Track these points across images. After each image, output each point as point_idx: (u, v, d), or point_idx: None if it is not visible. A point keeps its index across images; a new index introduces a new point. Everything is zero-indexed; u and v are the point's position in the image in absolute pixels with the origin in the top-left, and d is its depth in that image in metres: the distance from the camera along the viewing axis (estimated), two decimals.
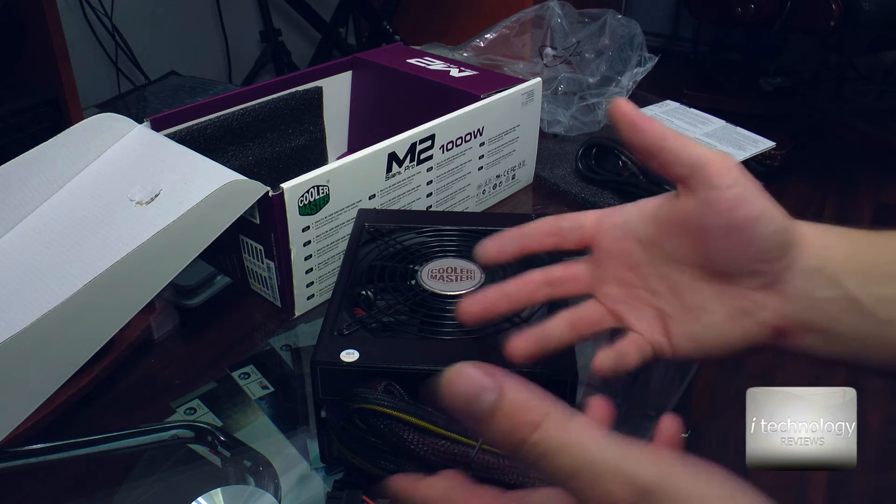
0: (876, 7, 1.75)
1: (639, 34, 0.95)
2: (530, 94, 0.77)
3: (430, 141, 0.68)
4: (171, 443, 0.52)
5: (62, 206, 0.63)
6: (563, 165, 0.86)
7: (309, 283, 0.63)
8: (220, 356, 0.60)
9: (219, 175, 0.59)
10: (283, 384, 0.58)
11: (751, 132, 0.98)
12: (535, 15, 1.00)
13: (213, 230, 0.55)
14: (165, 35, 1.93)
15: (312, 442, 0.51)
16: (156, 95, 1.65)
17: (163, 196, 0.59)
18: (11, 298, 0.55)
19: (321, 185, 0.59)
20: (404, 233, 0.58)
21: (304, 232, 0.60)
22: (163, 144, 0.65)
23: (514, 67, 0.95)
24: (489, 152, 0.76)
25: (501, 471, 0.39)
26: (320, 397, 0.45)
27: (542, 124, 0.87)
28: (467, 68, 0.82)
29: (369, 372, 0.44)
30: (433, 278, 0.52)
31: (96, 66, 1.78)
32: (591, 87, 0.94)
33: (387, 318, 0.49)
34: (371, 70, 0.86)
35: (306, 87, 0.81)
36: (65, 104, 1.25)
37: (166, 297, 0.65)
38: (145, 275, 0.54)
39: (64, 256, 0.57)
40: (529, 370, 0.43)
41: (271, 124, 0.78)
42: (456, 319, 0.48)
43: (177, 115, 0.69)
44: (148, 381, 0.58)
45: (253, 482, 0.48)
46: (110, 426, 0.52)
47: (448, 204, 0.74)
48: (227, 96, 0.74)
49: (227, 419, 0.54)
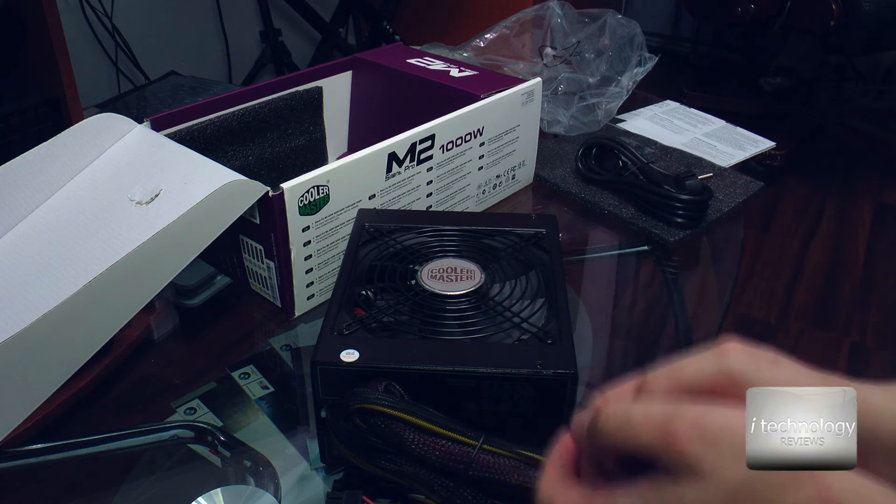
0: (876, 7, 1.75)
1: (639, 34, 0.95)
2: (530, 94, 0.77)
3: (430, 141, 0.68)
4: (171, 443, 0.52)
5: (62, 206, 0.63)
6: (563, 165, 0.86)
7: (309, 283, 0.63)
8: (220, 356, 0.60)
9: (219, 175, 0.59)
10: (283, 384, 0.58)
11: (751, 132, 0.98)
12: (535, 15, 1.00)
13: (213, 230, 0.55)
14: (165, 35, 1.93)
15: (312, 442, 0.51)
16: (156, 95, 1.65)
17: (163, 196, 0.59)
18: (11, 298, 0.55)
19: (321, 185, 0.59)
20: (404, 233, 0.58)
21: (304, 232, 0.60)
22: (163, 144, 0.65)
23: (514, 67, 0.95)
24: (489, 152, 0.76)
25: (501, 471, 0.39)
26: (320, 397, 0.45)
27: (542, 124, 0.87)
28: (467, 68, 0.82)
29: (369, 372, 0.44)
30: (433, 278, 0.51)
31: (96, 66, 1.78)
32: (591, 87, 0.94)
33: (387, 318, 0.49)
34: (371, 70, 0.86)
35: (306, 87, 0.81)
36: (65, 104, 1.25)
37: (166, 297, 0.65)
38: (145, 275, 0.54)
39: (64, 256, 0.57)
40: (530, 370, 0.43)
41: (271, 124, 0.78)
42: (456, 319, 0.48)
43: (177, 115, 0.69)
44: (148, 381, 0.58)
45: (253, 482, 0.48)
46: (110, 426, 0.52)
47: (448, 204, 0.74)
48: (227, 96, 0.74)
49: (227, 419, 0.54)
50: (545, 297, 0.51)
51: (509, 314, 0.49)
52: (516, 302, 0.50)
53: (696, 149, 0.93)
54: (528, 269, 0.54)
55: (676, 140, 0.95)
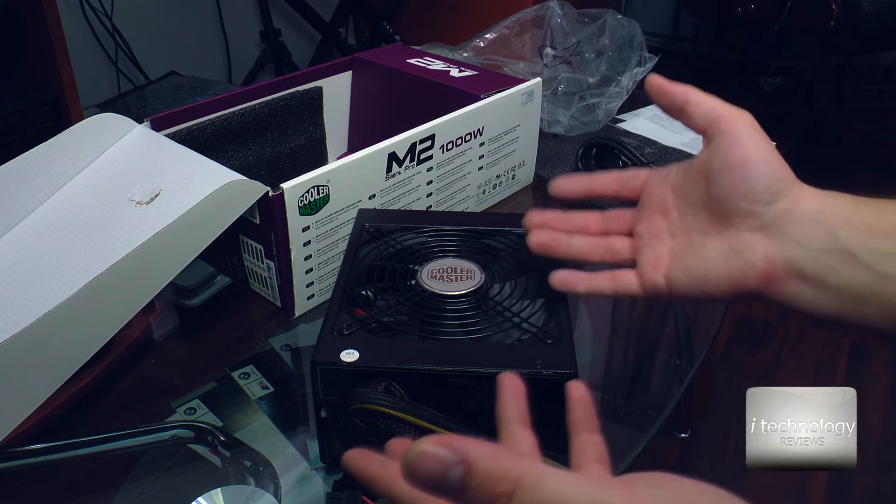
0: (876, 7, 1.75)
1: (639, 34, 0.95)
2: (530, 94, 0.77)
3: (430, 141, 0.68)
4: (171, 443, 0.52)
5: (62, 206, 0.63)
6: (563, 165, 0.86)
7: (309, 283, 0.63)
8: (220, 356, 0.60)
9: (219, 175, 0.59)
10: (283, 384, 0.58)
11: None
12: (535, 15, 1.00)
13: (213, 230, 0.55)
14: (165, 35, 1.93)
15: (312, 442, 0.51)
16: (156, 95, 1.65)
17: (163, 196, 0.59)
18: (11, 298, 0.55)
19: (321, 185, 0.59)
20: (404, 233, 0.58)
21: (304, 232, 0.60)
22: (163, 144, 0.65)
23: (514, 67, 0.95)
24: (489, 152, 0.76)
25: None
26: (320, 397, 0.45)
27: (542, 124, 0.87)
28: (467, 68, 0.82)
29: (369, 372, 0.44)
30: (433, 278, 0.51)
31: (96, 66, 1.78)
32: (591, 87, 0.94)
33: (387, 318, 0.49)
34: (371, 70, 0.86)
35: (306, 87, 0.81)
36: (65, 104, 1.25)
37: (166, 297, 0.65)
38: (145, 275, 0.54)
39: (64, 256, 0.57)
40: (530, 370, 0.43)
41: (271, 124, 0.78)
42: (456, 319, 0.48)
43: (177, 115, 0.69)
44: (148, 381, 0.58)
45: (253, 482, 0.48)
46: (110, 426, 0.52)
47: (448, 204, 0.74)
48: (227, 96, 0.74)
49: (227, 419, 0.54)
50: (545, 297, 0.51)
51: (509, 314, 0.49)
52: (516, 302, 0.50)
53: (696, 149, 0.93)
54: (528, 269, 0.54)
55: (676, 140, 0.95)
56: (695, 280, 0.42)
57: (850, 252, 0.37)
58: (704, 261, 0.42)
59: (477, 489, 0.27)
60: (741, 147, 0.40)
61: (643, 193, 0.47)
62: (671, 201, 0.45)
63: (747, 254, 0.40)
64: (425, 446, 0.27)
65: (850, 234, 0.37)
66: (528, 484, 0.27)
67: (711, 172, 0.41)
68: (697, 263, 0.42)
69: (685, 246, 0.44)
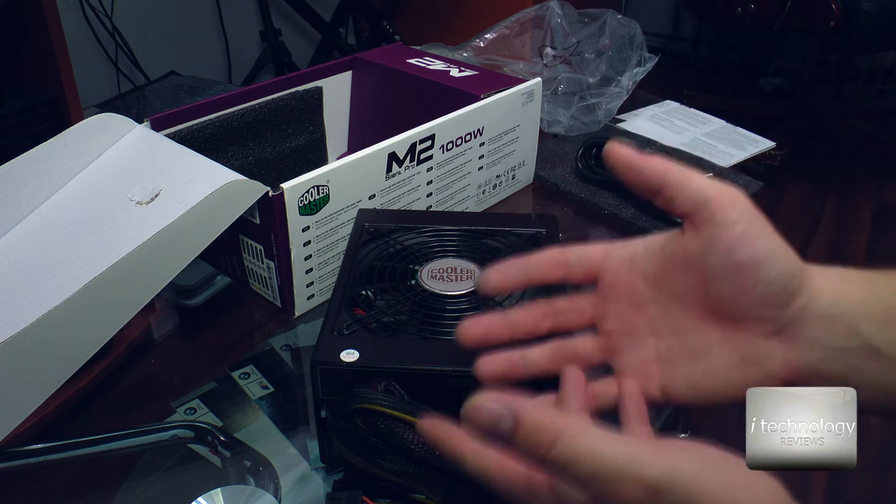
0: (876, 7, 1.75)
1: (639, 34, 0.95)
2: (530, 94, 0.77)
3: (430, 141, 0.68)
4: (171, 443, 0.52)
5: (62, 206, 0.63)
6: (563, 165, 0.86)
7: (309, 283, 0.63)
8: (220, 356, 0.60)
9: (219, 175, 0.59)
10: (283, 384, 0.58)
11: (751, 132, 0.99)
12: (535, 15, 1.00)
13: (213, 230, 0.55)
14: (165, 35, 1.93)
15: (312, 442, 0.51)
16: (156, 95, 1.65)
17: (163, 196, 0.59)
18: (11, 298, 0.55)
19: (321, 185, 0.59)
20: (404, 233, 0.58)
21: (304, 232, 0.60)
22: (163, 144, 0.65)
23: (514, 67, 0.95)
24: (489, 152, 0.76)
25: None
26: (320, 397, 0.45)
27: (542, 124, 0.87)
28: (467, 68, 0.82)
29: (369, 372, 0.44)
30: (433, 278, 0.52)
31: (96, 66, 1.78)
32: (591, 87, 0.94)
33: (387, 318, 0.49)
34: (371, 70, 0.86)
35: (306, 87, 0.81)
36: (65, 104, 1.25)
37: (166, 297, 0.65)
38: (145, 275, 0.54)
39: (64, 256, 0.57)
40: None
41: (271, 124, 0.78)
42: (456, 319, 0.48)
43: (177, 115, 0.69)
44: (148, 381, 0.58)
45: (253, 482, 0.48)
46: (110, 426, 0.52)
47: (448, 204, 0.74)
48: (227, 96, 0.74)
49: (227, 419, 0.54)
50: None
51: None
52: (516, 302, 0.50)
53: (696, 149, 0.93)
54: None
55: (676, 140, 0.95)
56: (703, 393, 0.36)
57: (874, 348, 0.33)
58: (712, 373, 0.36)
59: (524, 438, 0.32)
60: (747, 244, 0.34)
61: (602, 280, 0.40)
62: (645, 293, 0.38)
63: (766, 363, 0.35)
64: (482, 401, 0.33)
65: (871, 328, 0.33)
66: (566, 437, 0.31)
67: (709, 271, 0.35)
68: (704, 376, 0.36)
69: (678, 350, 0.37)
